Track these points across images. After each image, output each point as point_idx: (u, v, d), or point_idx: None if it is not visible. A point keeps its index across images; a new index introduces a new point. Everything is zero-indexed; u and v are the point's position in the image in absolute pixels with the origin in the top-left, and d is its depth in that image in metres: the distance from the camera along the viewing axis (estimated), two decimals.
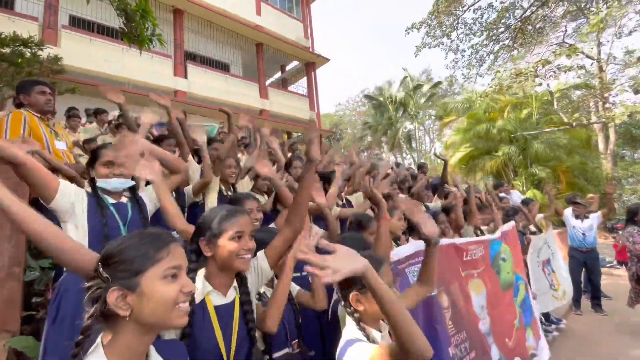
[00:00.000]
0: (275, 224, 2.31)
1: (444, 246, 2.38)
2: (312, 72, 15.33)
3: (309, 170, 1.34)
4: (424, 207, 3.90)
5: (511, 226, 3.29)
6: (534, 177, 12.15)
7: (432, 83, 24.49)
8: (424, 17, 12.28)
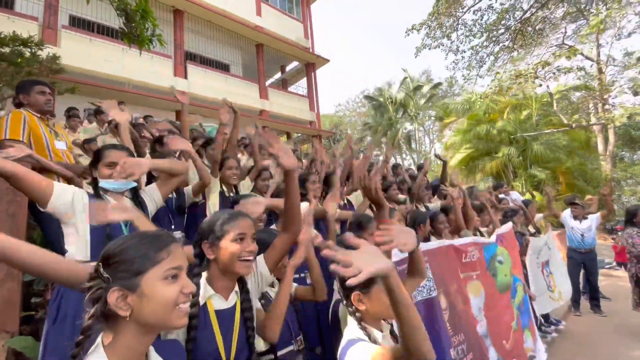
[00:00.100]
0: (276, 226, 2.32)
1: (444, 247, 2.38)
2: (312, 73, 15.34)
3: (289, 179, 1.34)
4: (424, 207, 3.91)
5: (508, 228, 3.27)
6: (534, 179, 12.18)
7: (432, 84, 24.49)
8: (424, 19, 12.30)
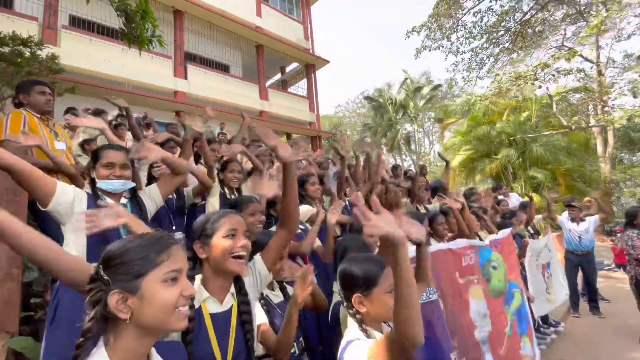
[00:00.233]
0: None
1: (442, 251, 2.37)
2: (312, 74, 15.35)
3: (287, 172, 1.34)
4: (424, 209, 3.91)
5: (505, 234, 3.21)
6: (533, 180, 12.19)
7: (432, 85, 24.53)
8: (424, 20, 12.34)
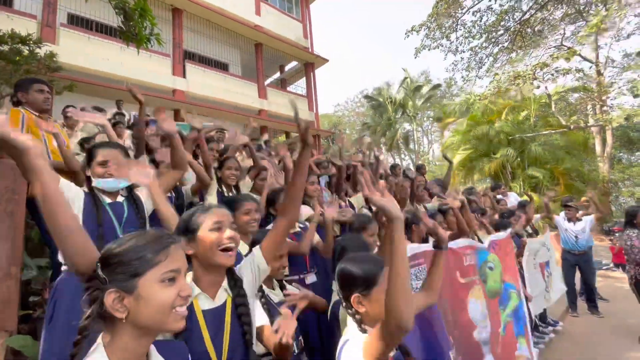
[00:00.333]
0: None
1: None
2: (311, 73, 15.34)
3: (305, 155, 1.33)
4: (423, 208, 3.92)
5: (505, 235, 3.21)
6: (532, 179, 12.22)
7: (431, 85, 24.52)
8: (424, 20, 12.34)
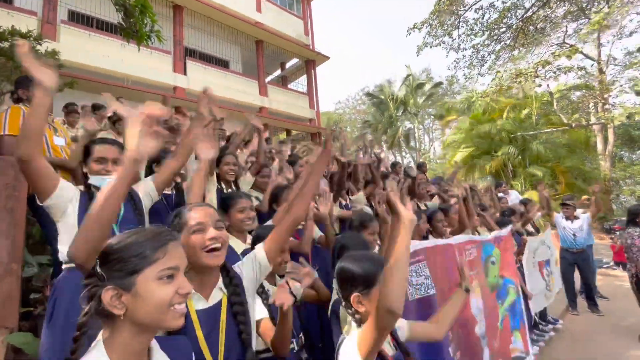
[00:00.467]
0: (272, 222, 2.29)
1: (441, 246, 2.38)
2: (312, 70, 15.29)
3: (323, 161, 1.45)
4: (424, 206, 3.92)
5: (507, 232, 3.29)
6: (533, 178, 12.20)
7: (433, 83, 24.44)
8: (426, 17, 12.29)
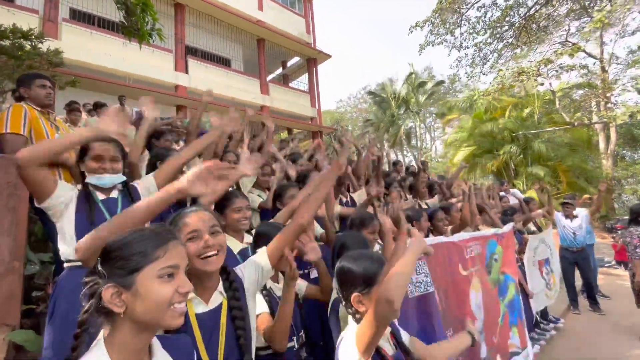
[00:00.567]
0: (275, 220, 2.29)
1: (441, 244, 2.39)
2: (314, 68, 15.28)
3: (334, 171, 1.55)
4: (425, 205, 3.92)
5: (509, 229, 3.32)
6: (534, 177, 12.17)
7: (436, 81, 24.35)
8: (428, 16, 12.23)
